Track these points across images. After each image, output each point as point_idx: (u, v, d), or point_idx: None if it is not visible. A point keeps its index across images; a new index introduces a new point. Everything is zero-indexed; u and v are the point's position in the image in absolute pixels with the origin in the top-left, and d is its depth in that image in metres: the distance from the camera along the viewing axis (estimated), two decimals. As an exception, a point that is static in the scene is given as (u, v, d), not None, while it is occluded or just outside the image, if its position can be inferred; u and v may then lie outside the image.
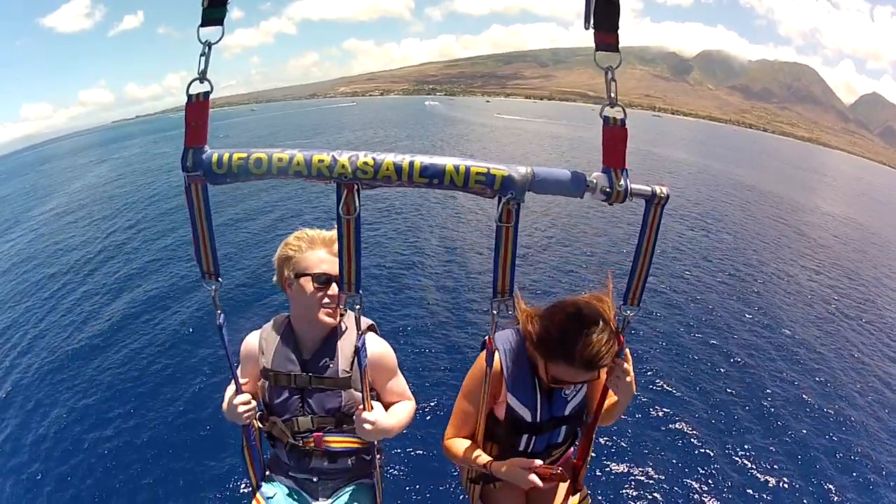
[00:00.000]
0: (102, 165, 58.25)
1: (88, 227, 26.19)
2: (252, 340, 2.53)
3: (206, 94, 1.63)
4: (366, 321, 2.48)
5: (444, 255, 18.66)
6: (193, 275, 15.25)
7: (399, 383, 2.58)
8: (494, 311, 1.84)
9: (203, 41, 1.60)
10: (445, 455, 2.43)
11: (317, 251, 2.31)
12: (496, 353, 2.28)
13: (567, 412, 2.32)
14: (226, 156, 1.62)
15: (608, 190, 1.65)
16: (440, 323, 12.64)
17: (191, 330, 12.92)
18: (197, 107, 1.63)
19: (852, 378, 11.91)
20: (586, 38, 1.59)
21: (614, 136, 1.65)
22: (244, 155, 1.62)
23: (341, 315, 2.47)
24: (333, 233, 2.27)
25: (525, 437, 2.34)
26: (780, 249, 23.02)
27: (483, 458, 2.30)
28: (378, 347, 2.46)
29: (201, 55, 1.60)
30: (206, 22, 1.60)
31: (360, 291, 1.81)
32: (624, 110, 1.63)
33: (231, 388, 2.36)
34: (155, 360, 12.13)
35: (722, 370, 11.40)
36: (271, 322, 2.56)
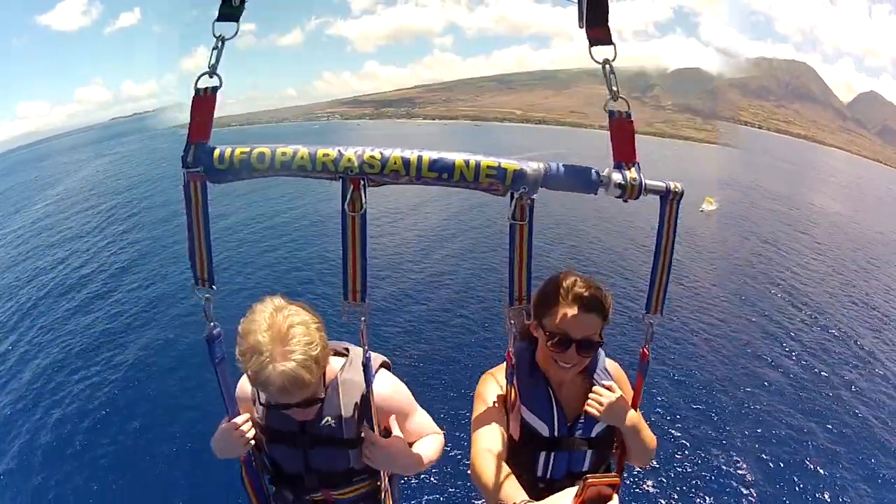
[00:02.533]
0: (102, 159, 58.44)
1: (91, 217, 26.13)
2: (246, 387, 2.13)
3: (215, 88, 1.58)
4: (378, 357, 2.19)
5: (453, 259, 18.43)
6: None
7: (417, 420, 2.24)
8: (512, 322, 1.74)
9: (217, 35, 1.54)
10: (473, 477, 2.03)
11: (263, 378, 1.69)
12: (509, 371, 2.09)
13: (594, 433, 2.13)
14: (227, 151, 1.56)
15: (622, 184, 1.60)
16: (450, 337, 12.23)
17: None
18: (204, 101, 1.59)
19: (867, 372, 11.92)
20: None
21: (622, 129, 1.62)
22: (247, 149, 1.56)
23: (344, 355, 2.17)
24: (291, 329, 1.72)
25: (542, 456, 2.11)
26: (787, 246, 23.08)
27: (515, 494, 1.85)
28: (385, 389, 2.11)
29: (213, 49, 1.54)
30: (222, 17, 1.55)
31: (367, 301, 1.67)
32: (627, 103, 1.58)
33: (224, 422, 2.01)
34: (157, 382, 11.72)
35: (738, 375, 11.38)
36: None
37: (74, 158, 70.72)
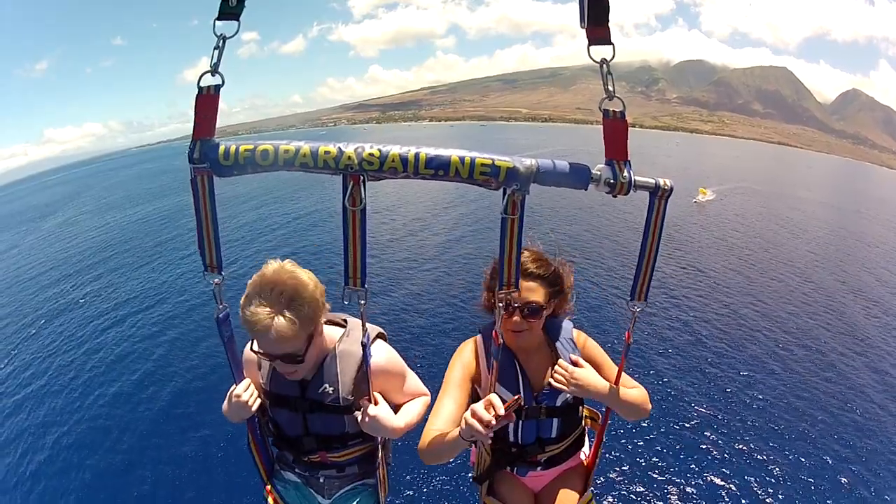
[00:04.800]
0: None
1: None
2: (252, 353, 2.24)
3: (217, 87, 1.62)
4: (375, 328, 2.35)
5: (447, 249, 18.69)
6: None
7: (410, 384, 2.42)
8: (500, 304, 1.83)
9: (218, 34, 1.58)
10: (424, 459, 2.13)
11: (256, 335, 1.93)
12: (477, 344, 2.37)
13: (558, 403, 2.30)
14: (232, 147, 1.62)
15: (612, 182, 1.65)
16: (442, 318, 12.57)
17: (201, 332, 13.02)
18: (207, 99, 1.63)
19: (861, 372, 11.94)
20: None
21: (615, 129, 1.66)
22: (251, 146, 1.62)
23: (342, 326, 2.35)
24: (266, 313, 1.88)
25: (512, 424, 2.31)
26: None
27: (451, 434, 1.99)
28: (382, 357, 2.27)
29: (215, 48, 1.58)
30: (222, 15, 1.59)
31: (366, 286, 1.77)
32: (623, 102, 1.63)
33: (233, 388, 2.18)
34: (164, 361, 12.29)
35: (728, 368, 11.42)
36: None
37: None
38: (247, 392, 2.15)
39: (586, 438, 2.61)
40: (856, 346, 13.19)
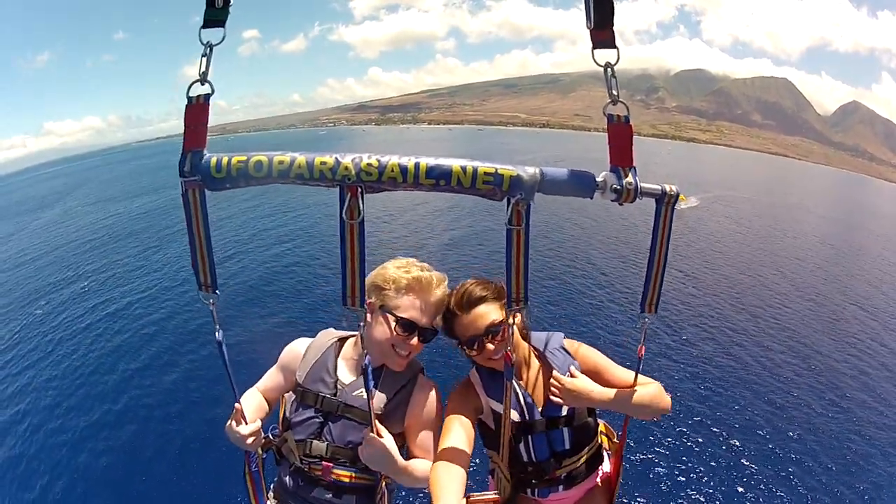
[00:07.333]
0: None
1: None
2: (298, 348, 2.38)
3: (207, 96, 1.55)
4: (415, 362, 2.35)
5: (452, 263, 18.52)
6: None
7: (433, 438, 2.25)
8: (510, 322, 1.76)
9: (204, 42, 1.52)
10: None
11: (414, 296, 2.15)
12: (472, 377, 2.34)
13: (564, 412, 2.25)
14: (225, 159, 1.55)
15: (618, 188, 1.60)
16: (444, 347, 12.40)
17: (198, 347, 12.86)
18: (196, 109, 1.56)
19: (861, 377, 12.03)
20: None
21: (620, 134, 1.61)
22: (244, 158, 1.55)
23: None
24: (436, 277, 2.22)
25: (523, 442, 2.25)
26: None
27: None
28: (434, 394, 2.31)
29: (202, 56, 1.52)
30: (207, 23, 1.53)
31: (365, 307, 1.72)
32: (626, 107, 1.58)
33: (236, 407, 2.11)
34: (166, 350, 12.30)
35: (737, 374, 11.47)
36: (321, 334, 2.42)
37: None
38: (252, 437, 2.11)
39: (605, 454, 2.54)
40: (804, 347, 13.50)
